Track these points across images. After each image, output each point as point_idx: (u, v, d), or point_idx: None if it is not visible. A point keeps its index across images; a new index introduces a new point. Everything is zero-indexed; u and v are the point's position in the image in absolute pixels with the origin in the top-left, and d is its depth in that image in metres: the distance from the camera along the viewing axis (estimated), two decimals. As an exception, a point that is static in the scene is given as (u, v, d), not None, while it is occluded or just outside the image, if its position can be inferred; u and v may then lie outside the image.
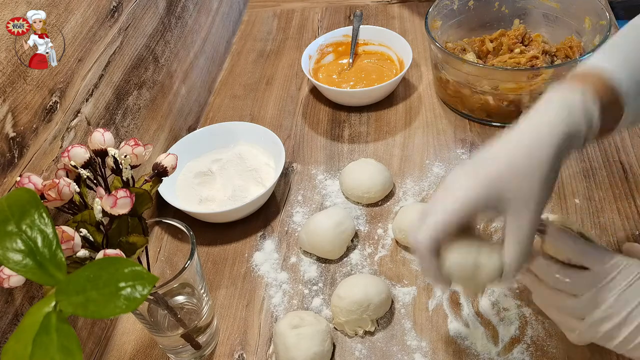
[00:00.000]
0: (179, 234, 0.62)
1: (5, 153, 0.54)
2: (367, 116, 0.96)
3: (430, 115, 0.94)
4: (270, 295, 0.72)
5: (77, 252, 0.46)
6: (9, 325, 0.54)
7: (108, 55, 0.72)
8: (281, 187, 0.86)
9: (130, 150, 0.54)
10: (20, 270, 0.39)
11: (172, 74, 0.91)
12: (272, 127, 0.91)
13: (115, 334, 0.71)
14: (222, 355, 0.67)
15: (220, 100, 1.04)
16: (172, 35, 0.91)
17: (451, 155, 0.86)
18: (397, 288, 0.70)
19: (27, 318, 0.38)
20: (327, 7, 1.25)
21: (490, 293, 0.68)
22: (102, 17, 0.70)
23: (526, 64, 0.89)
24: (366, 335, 0.66)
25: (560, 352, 0.62)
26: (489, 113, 0.88)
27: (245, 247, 0.78)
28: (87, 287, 0.38)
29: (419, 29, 1.13)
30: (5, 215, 0.40)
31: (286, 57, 1.12)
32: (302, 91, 1.04)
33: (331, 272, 0.74)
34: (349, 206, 0.81)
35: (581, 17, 0.90)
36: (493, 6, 0.99)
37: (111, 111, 0.73)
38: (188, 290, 0.63)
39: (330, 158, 0.90)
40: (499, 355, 0.62)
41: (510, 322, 0.65)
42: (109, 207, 0.47)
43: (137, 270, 0.39)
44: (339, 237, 0.73)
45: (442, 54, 0.88)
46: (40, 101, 0.59)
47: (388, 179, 0.81)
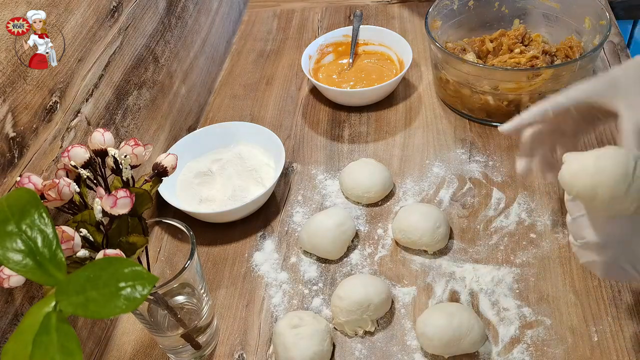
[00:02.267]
0: (179, 234, 0.62)
1: (5, 153, 0.54)
2: (367, 116, 0.96)
3: (430, 115, 0.94)
4: (270, 295, 0.72)
5: (77, 252, 0.46)
6: (9, 325, 0.54)
7: (108, 55, 0.72)
8: (281, 187, 0.86)
9: (130, 150, 0.54)
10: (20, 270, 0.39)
11: (172, 74, 0.91)
12: (272, 127, 0.91)
13: (115, 334, 0.71)
14: (222, 355, 0.67)
15: (220, 100, 1.04)
16: (172, 35, 0.91)
17: (451, 155, 0.86)
18: (397, 288, 0.70)
19: (27, 318, 0.38)
20: (327, 7, 1.25)
21: (491, 293, 0.68)
22: (102, 17, 0.70)
23: (526, 64, 0.89)
24: (366, 335, 0.66)
25: (560, 352, 0.62)
26: (489, 113, 0.88)
27: (245, 247, 0.78)
28: (87, 287, 0.38)
29: (419, 29, 1.13)
30: (5, 215, 0.40)
31: (286, 57, 1.12)
32: (302, 91, 1.04)
33: (331, 272, 0.74)
34: (349, 206, 0.81)
35: (581, 17, 0.90)
36: (493, 6, 0.99)
37: (111, 111, 0.73)
38: (188, 290, 0.63)
39: (330, 158, 0.90)
40: (499, 355, 0.62)
41: (510, 322, 0.65)
42: (109, 207, 0.47)
43: (137, 270, 0.39)
44: (340, 237, 0.73)
45: (442, 54, 0.88)
46: (40, 101, 0.59)
47: (388, 179, 0.81)
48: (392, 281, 0.71)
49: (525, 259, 0.71)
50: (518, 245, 0.72)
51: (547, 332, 0.63)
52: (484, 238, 0.74)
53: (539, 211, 0.76)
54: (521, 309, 0.66)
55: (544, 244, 0.72)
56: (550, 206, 0.76)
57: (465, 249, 0.73)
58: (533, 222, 0.75)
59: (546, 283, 0.68)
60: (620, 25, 1.15)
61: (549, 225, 0.74)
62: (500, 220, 0.76)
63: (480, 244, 0.74)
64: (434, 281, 0.70)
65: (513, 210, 0.77)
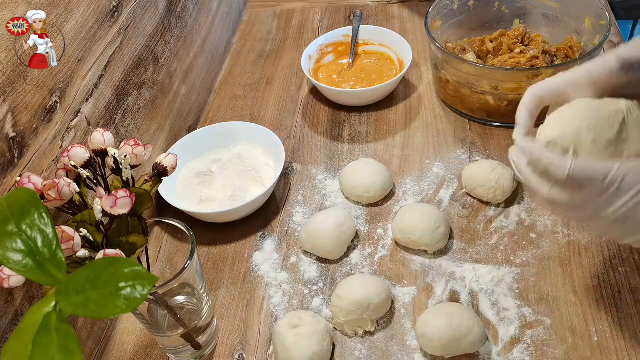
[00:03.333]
0: (179, 234, 0.62)
1: (5, 153, 0.54)
2: (367, 116, 0.96)
3: (430, 115, 0.94)
4: (270, 295, 0.72)
5: (77, 252, 0.46)
6: (9, 325, 0.54)
7: (108, 55, 0.72)
8: (281, 187, 0.86)
9: (130, 150, 0.54)
10: (20, 270, 0.39)
11: (172, 74, 0.91)
12: (272, 127, 0.91)
13: (115, 334, 0.71)
14: (222, 355, 0.67)
15: (220, 100, 1.04)
16: (172, 35, 0.91)
17: (451, 155, 0.86)
18: (397, 288, 0.70)
19: (27, 318, 0.38)
20: (327, 7, 1.25)
21: (491, 293, 0.68)
22: (102, 17, 0.70)
23: (526, 64, 0.89)
24: (366, 335, 0.66)
25: (560, 352, 0.62)
26: (489, 113, 0.88)
27: (245, 247, 0.78)
28: (87, 287, 0.38)
29: (419, 29, 1.13)
30: (5, 215, 0.40)
31: (286, 57, 1.12)
32: (302, 91, 1.04)
33: (331, 272, 0.74)
34: (349, 206, 0.81)
35: (581, 17, 0.90)
36: (493, 6, 0.99)
37: (111, 111, 0.73)
38: (188, 290, 0.63)
39: (330, 158, 0.90)
40: (499, 355, 0.62)
41: (510, 322, 0.65)
42: (109, 207, 0.47)
43: (137, 270, 0.39)
44: (340, 237, 0.73)
45: (442, 54, 0.88)
46: (40, 101, 0.59)
47: (388, 179, 0.81)
48: (392, 281, 0.71)
49: (525, 259, 0.71)
50: (518, 245, 0.72)
51: (547, 332, 0.63)
52: (484, 238, 0.74)
53: (539, 211, 0.76)
54: (521, 309, 0.66)
55: (544, 244, 0.72)
56: (550, 206, 0.76)
57: (465, 249, 0.73)
58: (533, 222, 0.75)
59: (546, 283, 0.68)
60: (620, 25, 1.15)
61: (549, 225, 0.74)
62: (500, 220, 0.76)
63: (480, 244, 0.74)
64: (434, 281, 0.70)
65: (513, 210, 0.77)
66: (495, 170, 0.76)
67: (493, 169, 0.76)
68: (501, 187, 0.75)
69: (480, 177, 0.76)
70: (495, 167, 0.77)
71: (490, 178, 0.76)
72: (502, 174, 0.76)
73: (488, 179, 0.76)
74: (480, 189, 0.76)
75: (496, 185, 0.75)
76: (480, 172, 0.77)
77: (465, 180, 0.79)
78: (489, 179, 0.76)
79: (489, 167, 0.77)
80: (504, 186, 0.75)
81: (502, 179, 0.75)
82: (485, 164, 0.78)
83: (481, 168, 0.77)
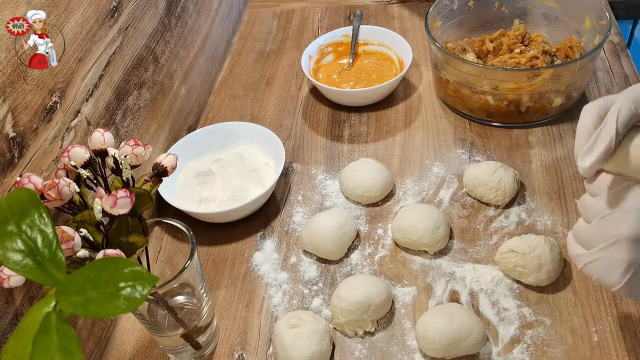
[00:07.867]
0: (179, 234, 0.62)
1: (5, 153, 0.54)
2: (367, 116, 0.96)
3: (430, 115, 0.94)
4: (270, 295, 0.72)
5: (77, 252, 0.46)
6: (9, 325, 0.54)
7: (108, 55, 0.72)
8: (281, 187, 0.86)
9: (130, 150, 0.54)
10: (20, 270, 0.39)
11: (172, 74, 0.91)
12: (272, 127, 0.91)
13: (115, 334, 0.71)
14: (222, 355, 0.67)
15: (220, 100, 1.04)
16: (172, 35, 0.91)
17: (451, 155, 0.86)
18: (397, 288, 0.70)
19: (27, 318, 0.38)
20: (327, 7, 1.25)
21: (491, 293, 0.68)
22: (102, 17, 0.70)
23: (526, 64, 0.89)
24: (366, 336, 0.66)
25: (560, 352, 0.62)
26: (489, 113, 0.88)
27: (245, 247, 0.78)
28: (87, 287, 0.38)
29: (419, 29, 1.13)
30: (5, 215, 0.40)
31: (286, 57, 1.12)
32: (302, 91, 1.04)
33: (331, 272, 0.74)
34: (349, 206, 0.81)
35: (581, 17, 0.90)
36: (493, 6, 0.99)
37: (111, 111, 0.73)
38: (188, 290, 0.63)
39: (330, 158, 0.90)
40: (499, 355, 0.62)
41: (510, 322, 0.65)
42: (109, 207, 0.47)
43: (137, 270, 0.38)
44: (341, 238, 0.73)
45: (442, 54, 0.88)
46: (40, 101, 0.59)
47: (388, 179, 0.81)
48: (392, 281, 0.71)
49: (525, 259, 0.71)
50: (518, 245, 0.72)
51: (547, 332, 0.63)
52: (484, 238, 0.74)
53: (539, 211, 0.76)
54: (521, 309, 0.66)
55: (544, 244, 0.72)
56: (550, 206, 0.76)
57: (465, 249, 0.73)
58: (533, 222, 0.75)
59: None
60: (620, 25, 1.15)
61: (549, 225, 0.74)
62: (500, 220, 0.76)
63: (480, 244, 0.74)
64: (434, 281, 0.70)
65: (513, 210, 0.77)
66: (497, 172, 0.76)
67: (495, 170, 0.76)
68: (502, 189, 0.75)
69: (481, 178, 0.76)
70: (497, 168, 0.77)
71: (491, 179, 0.76)
72: (503, 176, 0.76)
73: (489, 180, 0.76)
74: (481, 188, 0.76)
75: (497, 186, 0.75)
76: (482, 174, 0.77)
77: (466, 180, 0.79)
78: (490, 180, 0.76)
79: (491, 168, 0.77)
80: (505, 187, 0.75)
81: (504, 181, 0.75)
82: (486, 165, 0.78)
83: (482, 169, 0.77)
